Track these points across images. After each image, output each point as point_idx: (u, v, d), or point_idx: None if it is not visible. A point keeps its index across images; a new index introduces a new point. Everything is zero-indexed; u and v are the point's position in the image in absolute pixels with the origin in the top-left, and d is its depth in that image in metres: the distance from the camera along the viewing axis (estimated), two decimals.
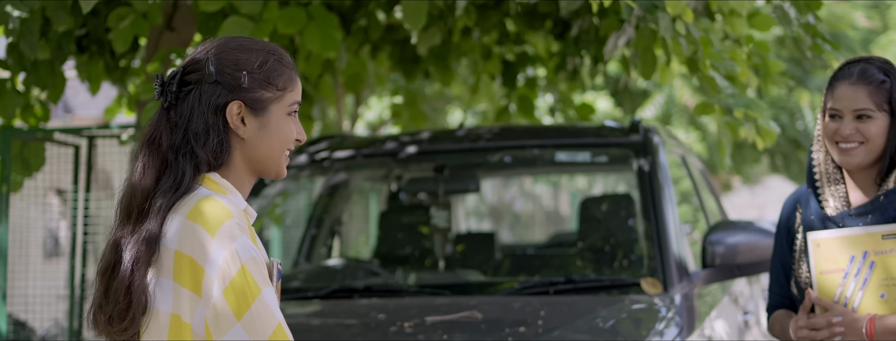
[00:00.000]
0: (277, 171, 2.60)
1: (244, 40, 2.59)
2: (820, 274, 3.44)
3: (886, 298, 3.37)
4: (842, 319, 3.36)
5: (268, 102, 2.55)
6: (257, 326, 2.37)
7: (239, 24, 5.08)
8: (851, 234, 3.41)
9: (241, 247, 2.41)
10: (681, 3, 4.61)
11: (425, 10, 5.06)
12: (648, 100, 19.62)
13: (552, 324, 4.05)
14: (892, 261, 3.36)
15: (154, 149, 2.52)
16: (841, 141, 3.42)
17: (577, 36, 6.38)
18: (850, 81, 3.42)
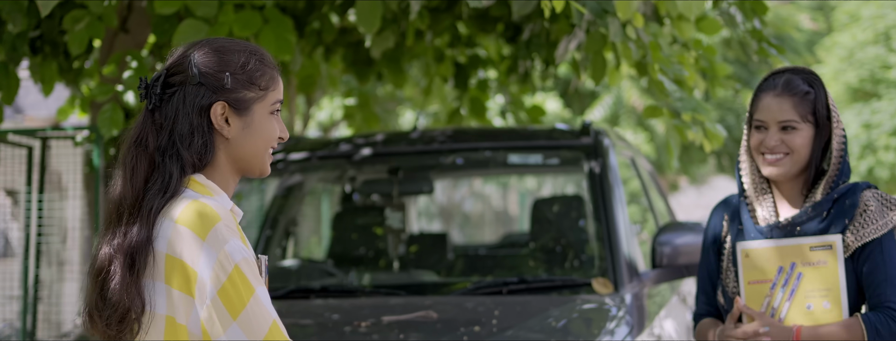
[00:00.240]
0: (261, 169, 2.64)
1: (225, 41, 2.62)
2: (748, 284, 3.47)
3: (813, 309, 3.41)
4: (769, 330, 3.39)
5: (251, 102, 2.58)
6: (253, 325, 2.42)
7: (194, 26, 5.10)
8: (780, 245, 3.44)
9: (233, 249, 2.45)
10: (631, 8, 4.68)
11: (380, 14, 5.10)
12: (597, 102, 19.78)
13: (506, 324, 4.12)
14: (819, 273, 3.40)
15: (141, 151, 2.55)
16: (766, 152, 3.45)
17: (528, 39, 6.45)
18: (775, 93, 3.45)
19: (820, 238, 3.41)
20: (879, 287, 3.40)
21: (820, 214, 3.44)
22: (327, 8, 6.30)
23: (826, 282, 3.40)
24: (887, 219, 3.43)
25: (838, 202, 3.45)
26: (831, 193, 3.45)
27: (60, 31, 5.97)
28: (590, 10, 4.93)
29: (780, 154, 3.44)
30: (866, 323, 3.35)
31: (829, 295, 3.40)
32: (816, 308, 3.40)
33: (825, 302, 3.40)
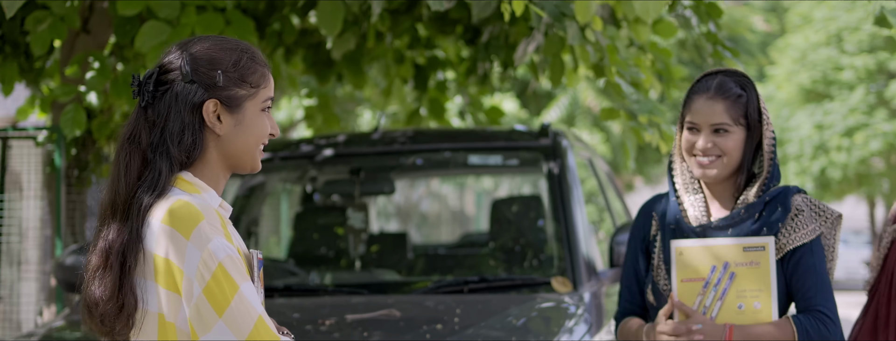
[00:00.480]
0: (252, 165, 2.67)
1: (217, 39, 2.65)
2: (681, 282, 3.46)
3: (744, 309, 3.42)
4: (702, 327, 3.38)
5: (242, 99, 2.61)
6: (238, 321, 2.45)
7: (157, 28, 5.12)
8: (714, 245, 3.44)
9: (216, 247, 2.48)
10: (590, 11, 4.75)
11: (341, 16, 5.15)
12: (553, 102, 19.89)
13: (467, 322, 4.19)
14: (752, 273, 3.42)
15: (134, 148, 2.58)
16: (699, 154, 3.45)
17: (487, 42, 6.52)
18: (707, 95, 3.45)
19: (754, 239, 3.43)
20: (810, 290, 3.43)
21: (752, 216, 3.47)
22: (288, 9, 6.34)
23: (758, 283, 3.42)
24: (816, 223, 3.46)
25: (770, 204, 3.47)
26: (763, 196, 3.47)
27: (22, 32, 5.98)
28: (548, 13, 5.00)
29: (713, 156, 3.45)
30: (797, 325, 3.38)
31: (761, 296, 3.42)
32: (747, 308, 3.42)
33: (756, 303, 3.42)
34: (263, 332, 2.47)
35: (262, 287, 2.64)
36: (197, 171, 2.62)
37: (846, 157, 23.43)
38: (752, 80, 3.53)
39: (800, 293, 3.45)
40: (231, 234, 2.57)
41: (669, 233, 3.55)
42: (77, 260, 5.12)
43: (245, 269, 2.54)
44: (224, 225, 2.56)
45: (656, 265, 3.56)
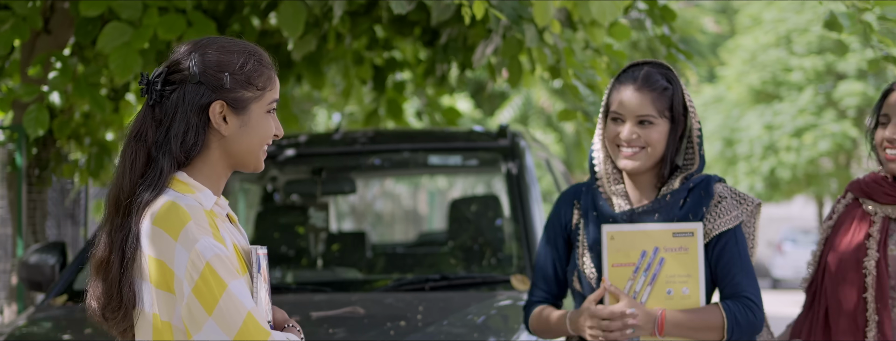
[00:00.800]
0: (256, 165, 2.72)
1: (226, 42, 2.70)
2: (612, 267, 3.43)
3: (672, 295, 3.42)
4: (635, 311, 3.36)
5: (248, 101, 2.66)
6: (228, 319, 2.51)
7: (119, 29, 5.17)
8: (645, 229, 3.43)
9: (203, 247, 2.53)
10: (548, 14, 4.85)
11: (303, 19, 5.20)
12: (507, 102, 20.00)
13: (430, 319, 4.28)
14: (680, 259, 3.41)
15: (140, 146, 2.64)
16: (623, 145, 3.44)
17: (445, 43, 6.60)
18: (634, 86, 3.44)
19: (683, 224, 3.42)
20: (736, 277, 3.46)
21: (677, 202, 3.47)
22: (248, 11, 6.39)
23: (686, 269, 3.42)
24: (739, 210, 3.48)
25: (693, 191, 3.48)
26: (687, 183, 3.48)
27: None
28: (507, 15, 5.09)
29: (637, 147, 3.43)
30: (726, 311, 3.40)
31: (689, 282, 3.42)
32: (676, 294, 3.42)
33: (685, 289, 3.42)
34: (252, 329, 2.51)
35: (265, 281, 2.68)
36: (196, 170, 2.67)
37: (795, 158, 23.69)
38: (676, 72, 3.53)
39: (726, 279, 3.47)
40: (225, 232, 2.62)
41: (593, 220, 3.52)
42: (41, 258, 5.16)
43: (236, 267, 2.58)
44: (214, 224, 2.60)
45: (580, 253, 3.53)
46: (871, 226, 3.65)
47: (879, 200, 3.65)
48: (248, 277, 2.65)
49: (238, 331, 2.52)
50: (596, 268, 3.49)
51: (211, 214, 2.63)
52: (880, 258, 3.59)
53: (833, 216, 3.81)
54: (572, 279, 3.55)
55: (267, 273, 2.73)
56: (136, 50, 5.19)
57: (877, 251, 3.60)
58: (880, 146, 3.64)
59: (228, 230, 2.67)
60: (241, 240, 2.71)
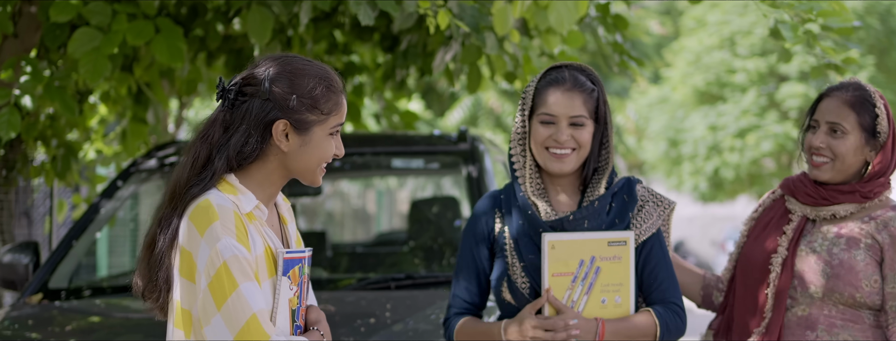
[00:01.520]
0: (312, 181, 2.91)
1: (301, 64, 2.86)
2: (552, 276, 3.39)
3: (606, 304, 3.43)
4: (577, 321, 3.36)
5: (312, 124, 2.83)
6: (233, 318, 2.69)
7: (88, 34, 5.27)
8: (584, 239, 3.41)
9: (223, 246, 2.71)
10: (508, 23, 5.02)
11: (271, 26, 5.33)
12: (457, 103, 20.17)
13: (397, 317, 4.45)
14: (614, 268, 3.42)
15: (204, 145, 2.83)
16: (554, 147, 3.43)
17: (405, 49, 6.75)
18: (565, 88, 3.43)
19: (618, 233, 3.43)
20: (663, 283, 3.50)
21: (604, 208, 3.47)
22: (211, 16, 6.51)
23: (619, 277, 3.43)
24: (657, 214, 3.52)
25: (617, 196, 3.50)
26: (612, 187, 3.49)
27: None
28: (467, 24, 5.26)
29: (569, 149, 3.43)
30: (658, 318, 3.44)
31: (621, 290, 3.44)
32: (609, 302, 3.44)
33: (617, 297, 3.44)
34: (254, 330, 2.68)
35: (295, 283, 2.85)
36: (249, 175, 2.85)
37: (739, 158, 23.97)
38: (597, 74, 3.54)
39: (653, 284, 3.50)
40: (257, 236, 2.79)
41: (523, 228, 3.47)
42: (15, 258, 5.29)
43: (254, 269, 2.74)
44: (242, 226, 2.76)
45: (511, 262, 3.49)
46: (789, 223, 3.75)
47: (800, 199, 3.74)
48: (277, 278, 2.81)
49: (240, 331, 2.68)
50: (528, 278, 3.46)
51: (249, 217, 2.81)
52: (788, 257, 3.68)
53: (758, 209, 3.91)
54: (501, 289, 3.50)
55: (301, 274, 2.88)
56: (105, 55, 5.28)
57: (786, 249, 3.69)
58: (808, 150, 3.73)
59: (265, 233, 2.83)
60: (275, 242, 2.86)
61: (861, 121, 3.65)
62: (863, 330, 3.62)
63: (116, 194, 5.68)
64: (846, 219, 3.69)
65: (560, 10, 5.14)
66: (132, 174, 5.77)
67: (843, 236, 3.66)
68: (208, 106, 13.25)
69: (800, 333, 3.63)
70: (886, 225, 3.62)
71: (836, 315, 3.62)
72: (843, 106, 3.66)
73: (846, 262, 3.60)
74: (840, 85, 3.74)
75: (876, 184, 3.69)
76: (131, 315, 4.93)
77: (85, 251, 5.58)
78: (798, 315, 3.65)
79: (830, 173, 3.68)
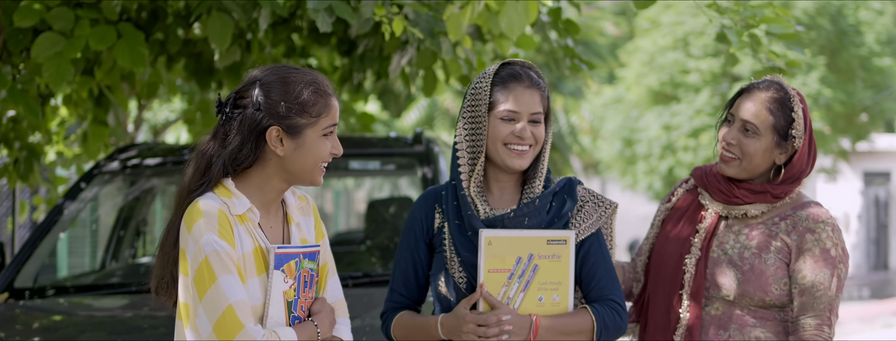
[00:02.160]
0: (312, 181, 3.12)
1: (288, 72, 3.08)
2: (488, 273, 3.40)
3: (543, 302, 3.43)
4: (511, 318, 3.37)
5: (303, 127, 3.05)
6: (211, 307, 2.91)
7: (52, 39, 5.38)
8: (522, 236, 3.41)
9: (206, 242, 2.94)
10: (461, 29, 5.17)
11: (231, 32, 5.47)
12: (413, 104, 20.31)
13: (355, 314, 4.57)
14: (553, 266, 3.42)
15: (205, 155, 3.06)
16: (515, 143, 3.44)
17: (362, 53, 6.90)
18: (525, 85, 3.45)
19: (558, 232, 3.43)
20: (601, 280, 3.51)
21: (544, 206, 3.49)
22: (172, 20, 6.63)
23: (558, 276, 3.44)
24: (598, 213, 3.54)
25: (558, 195, 3.52)
26: (553, 186, 3.52)
27: None
28: (422, 30, 5.41)
29: (527, 146, 3.45)
30: (596, 315, 3.45)
31: (560, 289, 3.45)
32: (547, 300, 3.44)
33: (555, 296, 3.45)
34: (229, 320, 2.90)
35: (290, 277, 3.06)
36: (248, 180, 3.07)
37: (692, 157, 24.16)
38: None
39: (592, 283, 3.51)
40: (245, 235, 3.01)
41: (461, 225, 3.49)
42: None
43: (233, 264, 2.95)
44: (227, 225, 2.98)
45: (450, 257, 3.51)
46: (702, 221, 3.80)
47: (713, 196, 3.80)
48: (268, 274, 3.03)
49: (217, 320, 2.91)
50: (466, 273, 3.49)
51: (241, 218, 3.02)
52: (701, 257, 3.73)
53: (672, 199, 3.95)
54: (439, 283, 3.53)
55: (299, 269, 3.08)
56: (68, 59, 5.40)
57: (700, 249, 3.74)
58: (721, 143, 3.79)
59: (256, 234, 3.04)
60: (263, 240, 3.06)
61: (775, 124, 3.69)
62: (773, 326, 3.71)
63: (80, 196, 5.81)
64: (757, 218, 3.75)
65: (511, 15, 5.28)
66: (95, 176, 5.89)
67: (753, 239, 3.72)
68: (167, 108, 13.36)
69: (713, 332, 3.71)
70: (795, 226, 3.69)
71: (748, 314, 3.71)
72: (760, 106, 3.69)
73: (757, 268, 3.68)
74: (761, 83, 3.76)
75: (788, 181, 3.73)
76: (94, 313, 5.07)
77: (49, 251, 5.71)
78: (711, 314, 3.73)
79: (737, 170, 3.74)
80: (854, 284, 27.45)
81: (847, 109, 25.28)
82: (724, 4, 5.63)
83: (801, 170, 3.74)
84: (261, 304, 3.03)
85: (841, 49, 25.58)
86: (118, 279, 5.68)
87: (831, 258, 3.67)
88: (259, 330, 2.95)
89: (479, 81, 3.50)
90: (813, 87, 24.18)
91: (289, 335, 3.03)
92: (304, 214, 3.27)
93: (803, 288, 3.66)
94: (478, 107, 3.46)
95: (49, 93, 6.86)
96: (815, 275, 3.66)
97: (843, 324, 19.83)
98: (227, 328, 2.90)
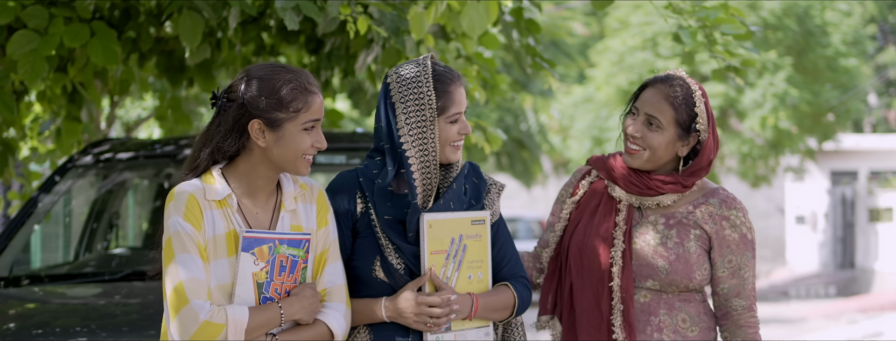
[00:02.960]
0: (296, 171, 3.36)
1: (271, 69, 3.32)
2: (431, 255, 3.57)
3: (472, 279, 3.65)
4: (456, 297, 3.57)
5: (283, 121, 3.29)
6: (168, 281, 3.19)
7: (27, 36, 5.52)
8: (454, 218, 3.60)
9: (171, 223, 3.22)
10: (424, 28, 5.35)
11: (201, 30, 5.62)
12: None
13: None
14: (477, 246, 3.64)
15: (201, 144, 3.33)
16: (458, 140, 3.67)
17: (329, 52, 7.06)
18: (458, 84, 3.68)
19: (478, 213, 3.65)
20: (512, 259, 3.77)
21: (461, 189, 3.69)
22: (144, 18, 6.79)
23: (480, 255, 3.66)
24: (498, 195, 3.79)
25: (468, 179, 3.75)
26: (462, 171, 3.73)
27: None
28: (386, 28, 5.58)
29: (461, 141, 3.71)
30: (515, 291, 3.71)
31: (482, 266, 3.67)
32: (474, 278, 3.65)
33: (479, 273, 3.66)
34: (179, 294, 3.17)
35: (262, 259, 3.28)
36: (235, 167, 3.34)
37: None
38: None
39: (504, 261, 3.75)
40: (219, 218, 3.26)
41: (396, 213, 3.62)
42: None
43: (194, 244, 3.20)
44: (194, 207, 3.22)
45: (385, 245, 3.61)
46: (618, 213, 3.93)
47: (624, 189, 3.93)
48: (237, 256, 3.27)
49: (170, 294, 3.19)
50: (403, 258, 3.60)
51: (221, 203, 3.27)
52: (626, 249, 3.87)
53: (577, 192, 4.06)
54: (373, 268, 3.61)
55: (273, 253, 3.29)
56: (43, 56, 5.54)
57: (623, 242, 3.88)
58: (625, 134, 3.93)
59: (231, 218, 3.28)
60: (238, 224, 3.30)
61: (678, 118, 3.82)
62: (694, 308, 3.91)
63: (54, 189, 5.97)
64: (671, 207, 3.91)
65: (472, 15, 5.45)
66: (69, 169, 6.05)
67: (673, 229, 3.88)
68: (139, 105, 13.49)
69: (644, 319, 3.88)
70: (711, 214, 3.86)
71: (674, 298, 3.89)
72: (664, 101, 3.82)
73: (682, 256, 3.85)
74: (665, 77, 3.89)
75: (693, 172, 3.88)
76: (68, 301, 5.23)
77: (24, 242, 5.87)
78: (640, 302, 3.90)
79: (641, 161, 3.87)
80: (821, 282, 27.78)
81: (813, 109, 25.56)
82: (680, 5, 5.82)
83: (709, 161, 3.88)
84: (229, 284, 3.26)
85: (807, 49, 25.86)
86: (91, 269, 5.85)
87: (748, 241, 3.87)
88: (205, 306, 3.17)
89: (413, 86, 3.61)
90: (780, 87, 24.45)
91: (239, 313, 3.22)
92: (306, 202, 3.48)
93: (730, 271, 3.85)
94: (422, 113, 3.60)
95: (24, 89, 6.98)
96: (739, 259, 3.85)
97: (808, 321, 20.12)
98: (176, 302, 3.17)
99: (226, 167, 3.37)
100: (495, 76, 7.03)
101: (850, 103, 26.71)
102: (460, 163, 3.75)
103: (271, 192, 3.41)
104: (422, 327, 3.54)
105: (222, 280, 3.28)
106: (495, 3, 5.47)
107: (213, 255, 3.27)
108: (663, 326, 3.87)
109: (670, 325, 3.87)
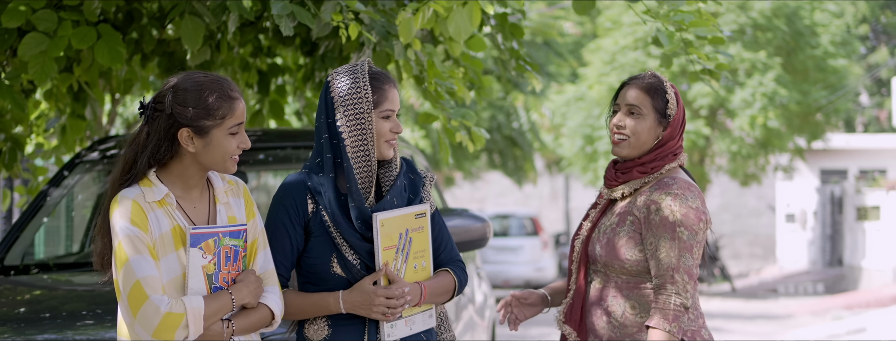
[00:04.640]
0: (224, 170, 3.57)
1: (195, 80, 3.50)
2: (383, 250, 3.80)
3: (418, 269, 3.91)
4: (410, 289, 3.83)
5: (210, 128, 3.48)
6: (124, 282, 3.40)
7: (37, 39, 5.76)
8: (401, 214, 3.83)
9: (119, 228, 3.43)
10: (411, 33, 5.62)
11: (202, 33, 5.87)
12: None
13: None
14: (420, 237, 3.90)
15: (132, 151, 3.52)
16: (392, 137, 3.89)
17: (323, 53, 7.30)
18: (392, 84, 3.91)
19: (419, 206, 3.90)
20: (448, 245, 4.05)
21: (403, 186, 3.93)
22: (147, 21, 7.06)
23: (423, 245, 3.92)
24: (431, 187, 4.04)
25: (406, 175, 3.98)
26: (401, 168, 3.96)
27: None
28: (377, 33, 5.85)
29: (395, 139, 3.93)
30: (455, 275, 4.01)
31: (425, 256, 3.94)
32: (419, 267, 3.91)
33: (423, 262, 3.93)
34: (136, 293, 3.38)
35: (209, 252, 3.50)
36: (169, 170, 3.53)
37: None
38: None
39: (441, 247, 4.03)
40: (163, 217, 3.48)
41: (346, 212, 3.82)
42: None
43: (144, 245, 3.41)
44: (138, 210, 3.44)
45: (340, 243, 3.82)
46: (595, 207, 4.25)
47: (606, 185, 4.22)
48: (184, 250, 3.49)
49: (128, 293, 3.39)
50: (357, 254, 3.83)
51: (161, 203, 3.48)
52: (585, 238, 4.17)
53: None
54: (330, 265, 3.84)
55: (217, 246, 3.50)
56: (51, 57, 5.80)
57: (587, 231, 4.19)
58: (611, 131, 4.18)
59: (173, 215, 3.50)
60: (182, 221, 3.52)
61: (655, 105, 4.10)
62: (644, 292, 4.09)
63: (63, 183, 6.28)
64: (628, 196, 4.16)
65: (457, 20, 5.68)
66: (77, 165, 6.36)
67: (616, 216, 4.12)
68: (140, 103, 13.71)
69: (598, 304, 4.14)
70: (645, 201, 4.07)
71: (622, 284, 4.10)
72: (641, 92, 4.11)
73: (612, 240, 4.09)
74: (638, 76, 4.21)
75: (657, 156, 4.12)
76: (75, 287, 5.54)
77: (34, 234, 6.18)
78: (595, 288, 4.16)
79: (628, 149, 4.12)
80: (810, 279, 28.04)
81: (802, 109, 25.79)
82: (657, 10, 6.08)
83: (671, 138, 4.13)
84: (180, 276, 3.49)
85: (797, 50, 26.08)
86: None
87: (670, 223, 4.00)
88: (164, 299, 3.39)
89: (350, 85, 3.83)
90: (769, 87, 24.68)
91: (195, 302, 3.45)
92: (234, 196, 3.70)
93: (650, 253, 4.04)
94: (360, 106, 3.81)
95: (32, 88, 7.23)
96: (657, 241, 4.02)
97: (794, 317, 20.38)
98: (136, 300, 3.37)
99: (159, 170, 3.54)
100: (481, 78, 7.27)
101: (840, 103, 26.97)
102: (397, 161, 3.97)
103: (203, 188, 3.62)
104: (380, 317, 3.81)
105: (174, 273, 3.48)
106: (477, 9, 5.72)
107: (162, 252, 3.47)
108: (611, 310, 4.09)
109: (618, 311, 4.08)
